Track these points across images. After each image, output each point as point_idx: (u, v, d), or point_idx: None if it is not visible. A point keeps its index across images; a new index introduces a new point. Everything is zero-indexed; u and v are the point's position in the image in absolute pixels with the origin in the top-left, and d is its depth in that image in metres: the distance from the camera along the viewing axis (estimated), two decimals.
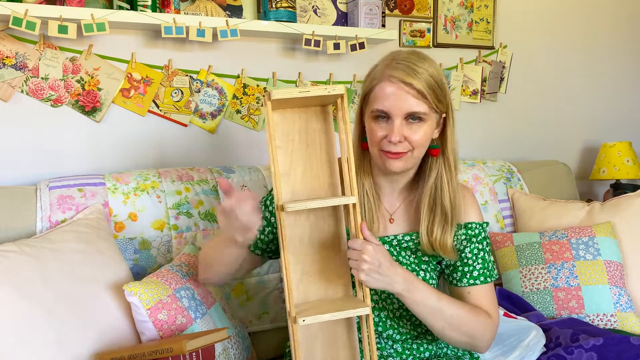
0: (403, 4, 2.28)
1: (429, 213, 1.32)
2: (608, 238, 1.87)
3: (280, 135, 1.21)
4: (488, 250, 1.36)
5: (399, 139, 1.23)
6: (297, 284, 1.22)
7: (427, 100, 1.22)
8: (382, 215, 1.38)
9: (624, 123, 2.84)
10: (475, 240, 1.35)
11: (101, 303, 1.34)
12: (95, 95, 1.79)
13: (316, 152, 1.24)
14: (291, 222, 1.22)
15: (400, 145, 1.25)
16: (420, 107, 1.23)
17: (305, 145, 1.23)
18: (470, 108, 2.46)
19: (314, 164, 1.24)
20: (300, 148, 1.23)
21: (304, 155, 1.23)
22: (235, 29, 1.82)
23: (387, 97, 1.23)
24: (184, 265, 1.48)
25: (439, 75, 1.25)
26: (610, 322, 1.76)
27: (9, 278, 1.23)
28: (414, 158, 1.28)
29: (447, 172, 1.31)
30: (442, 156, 1.32)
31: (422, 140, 1.26)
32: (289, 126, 1.22)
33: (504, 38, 2.50)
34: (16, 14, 1.56)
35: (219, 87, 1.96)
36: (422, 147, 1.27)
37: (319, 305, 1.19)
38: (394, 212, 1.38)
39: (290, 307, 1.15)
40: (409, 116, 1.24)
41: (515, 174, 2.22)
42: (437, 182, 1.32)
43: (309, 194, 1.23)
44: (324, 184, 1.24)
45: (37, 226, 1.50)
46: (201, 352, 1.19)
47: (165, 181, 1.67)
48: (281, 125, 1.22)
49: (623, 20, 2.80)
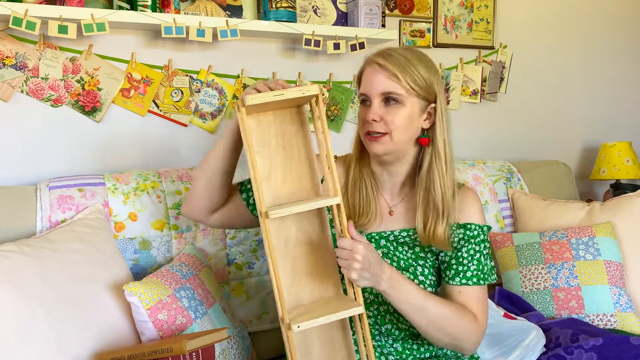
0: (403, 4, 2.28)
1: (423, 204, 1.33)
2: (608, 238, 1.87)
3: (257, 140, 1.21)
4: (486, 254, 1.36)
5: (374, 117, 1.28)
6: (288, 287, 1.21)
7: (401, 81, 1.26)
8: (381, 207, 1.39)
9: (624, 123, 2.84)
10: (473, 242, 1.35)
11: (101, 303, 1.34)
12: (95, 95, 1.79)
13: (294, 153, 1.24)
14: (275, 226, 1.21)
15: (377, 125, 1.29)
16: (393, 87, 1.27)
17: (282, 148, 1.23)
18: (470, 108, 2.46)
19: (293, 166, 1.23)
20: (278, 151, 1.22)
21: (283, 158, 1.23)
22: (235, 29, 1.82)
23: (367, 79, 1.31)
24: (184, 265, 1.48)
25: (424, 64, 1.29)
26: (610, 322, 1.76)
27: (9, 278, 1.23)
28: (393, 142, 1.29)
29: (437, 163, 1.32)
30: (432, 146, 1.33)
31: (399, 123, 1.28)
32: (264, 130, 1.22)
33: (504, 38, 2.50)
34: (16, 14, 1.56)
35: (219, 87, 1.96)
36: (399, 130, 1.29)
37: (313, 308, 1.18)
38: (394, 205, 1.39)
39: (283, 313, 1.13)
40: (386, 98, 1.28)
41: (515, 174, 2.23)
42: (429, 173, 1.33)
43: (291, 197, 1.23)
44: (306, 185, 1.24)
45: (37, 226, 1.50)
46: (201, 352, 1.19)
47: (165, 181, 1.67)
48: (257, 130, 1.21)
49: (623, 20, 2.80)
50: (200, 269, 1.52)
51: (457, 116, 2.42)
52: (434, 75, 1.30)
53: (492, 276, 1.36)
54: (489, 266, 1.36)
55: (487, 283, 1.35)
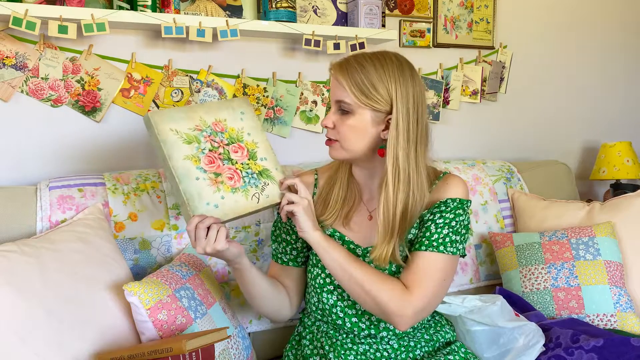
0: (403, 4, 2.28)
1: (379, 220, 1.29)
2: (608, 238, 1.87)
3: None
4: (454, 225, 1.29)
5: (327, 123, 1.32)
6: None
7: (346, 91, 1.28)
8: (361, 212, 1.41)
9: (624, 123, 2.84)
10: (443, 213, 1.30)
11: (101, 303, 1.34)
12: (95, 95, 1.79)
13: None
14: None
15: (331, 131, 1.33)
16: (344, 96, 1.29)
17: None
18: (470, 108, 2.46)
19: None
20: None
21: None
22: (235, 29, 1.82)
23: (331, 84, 1.35)
24: (184, 265, 1.48)
25: (379, 76, 1.26)
26: (610, 322, 1.76)
27: (9, 278, 1.23)
28: (345, 150, 1.32)
29: (390, 178, 1.26)
30: (386, 159, 1.27)
31: (346, 132, 1.30)
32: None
33: (504, 38, 2.50)
34: (16, 14, 1.56)
35: (219, 87, 1.96)
36: (347, 139, 1.30)
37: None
38: (372, 210, 1.40)
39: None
40: (339, 106, 1.31)
41: (515, 174, 2.23)
42: (382, 187, 1.28)
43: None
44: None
45: (37, 226, 1.50)
46: (201, 352, 1.19)
47: (165, 181, 1.67)
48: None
49: (623, 20, 2.80)
50: (200, 269, 1.52)
51: (457, 116, 2.43)
52: (394, 85, 1.25)
53: (452, 248, 1.28)
54: (452, 238, 1.28)
55: (444, 253, 1.27)
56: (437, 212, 1.31)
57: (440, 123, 2.37)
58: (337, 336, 1.37)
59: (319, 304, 1.40)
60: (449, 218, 1.30)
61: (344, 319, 1.36)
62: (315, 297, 1.40)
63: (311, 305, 1.43)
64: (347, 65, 1.29)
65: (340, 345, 1.35)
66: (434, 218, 1.30)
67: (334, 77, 1.31)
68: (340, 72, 1.29)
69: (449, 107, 2.39)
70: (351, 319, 1.35)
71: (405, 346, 1.35)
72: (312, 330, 1.43)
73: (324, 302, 1.38)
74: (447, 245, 1.28)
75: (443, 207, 1.31)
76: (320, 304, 1.39)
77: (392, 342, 1.35)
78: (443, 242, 1.28)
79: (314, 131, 2.12)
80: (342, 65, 1.30)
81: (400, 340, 1.35)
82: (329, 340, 1.37)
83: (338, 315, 1.36)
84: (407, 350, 1.35)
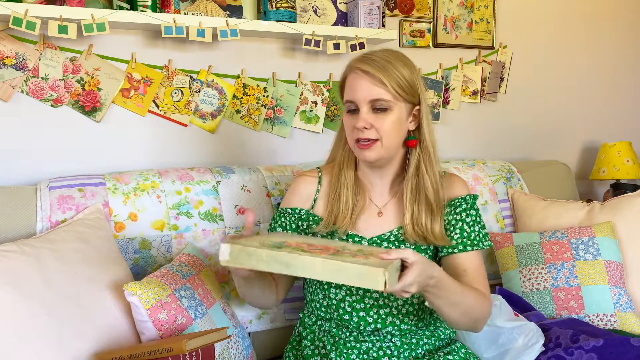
0: (403, 4, 2.28)
1: (412, 203, 1.36)
2: (608, 238, 1.87)
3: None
4: (479, 222, 1.39)
5: (364, 124, 1.28)
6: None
7: (387, 86, 1.27)
8: (370, 210, 1.41)
9: (624, 123, 2.84)
10: (467, 211, 1.38)
11: (101, 303, 1.34)
12: (95, 95, 1.79)
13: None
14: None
15: (368, 131, 1.30)
16: (380, 94, 1.28)
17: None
18: (470, 108, 2.46)
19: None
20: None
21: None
22: (235, 29, 1.82)
23: (352, 86, 1.31)
24: (184, 265, 1.48)
25: (407, 69, 1.30)
26: (610, 322, 1.76)
27: (9, 278, 1.23)
28: (384, 148, 1.31)
29: (426, 162, 1.35)
30: (420, 147, 1.36)
31: (389, 128, 1.30)
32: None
33: (504, 38, 2.50)
34: (16, 14, 1.56)
35: (219, 87, 1.96)
36: (390, 136, 1.30)
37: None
38: (383, 206, 1.41)
39: None
40: (373, 105, 1.29)
41: (515, 174, 2.22)
42: (417, 173, 1.36)
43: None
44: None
45: (37, 226, 1.50)
46: (201, 351, 1.19)
47: (165, 181, 1.67)
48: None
49: (623, 20, 2.80)
50: (200, 269, 1.52)
51: (457, 116, 2.43)
52: (416, 76, 1.32)
53: (487, 242, 1.39)
54: (483, 233, 1.39)
55: (483, 249, 1.38)
56: (462, 212, 1.38)
57: (440, 123, 2.37)
58: (340, 334, 1.37)
59: (324, 301, 1.39)
60: (473, 215, 1.39)
61: (351, 313, 1.36)
62: (321, 294, 1.40)
63: (314, 303, 1.43)
64: (376, 62, 1.28)
65: (343, 344, 1.35)
66: (462, 218, 1.38)
67: (362, 76, 1.28)
68: (372, 68, 1.27)
69: (449, 107, 2.39)
70: (359, 313, 1.35)
71: (408, 344, 1.35)
72: (313, 330, 1.42)
73: (331, 297, 1.37)
74: (483, 241, 1.38)
75: (465, 205, 1.39)
76: (326, 300, 1.39)
77: (395, 339, 1.35)
78: (480, 239, 1.38)
79: (314, 131, 2.12)
80: (371, 61, 1.28)
81: (403, 338, 1.36)
82: (331, 339, 1.37)
83: (345, 310, 1.36)
84: (409, 348, 1.35)
